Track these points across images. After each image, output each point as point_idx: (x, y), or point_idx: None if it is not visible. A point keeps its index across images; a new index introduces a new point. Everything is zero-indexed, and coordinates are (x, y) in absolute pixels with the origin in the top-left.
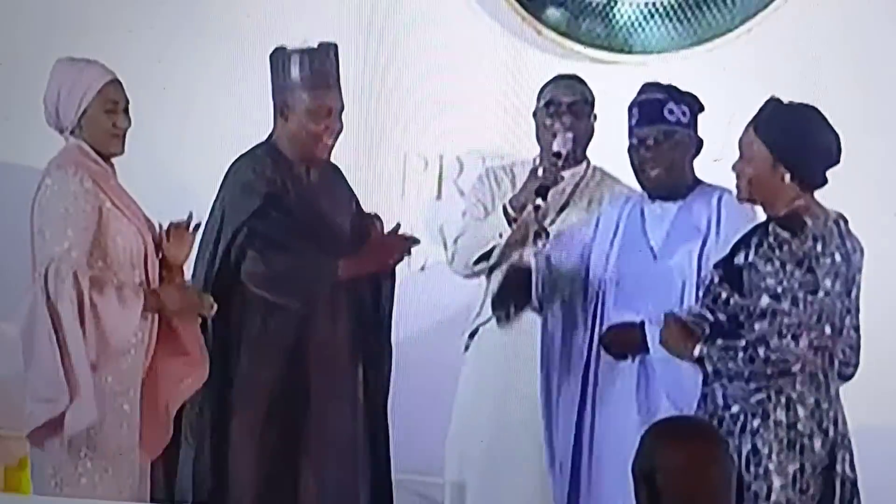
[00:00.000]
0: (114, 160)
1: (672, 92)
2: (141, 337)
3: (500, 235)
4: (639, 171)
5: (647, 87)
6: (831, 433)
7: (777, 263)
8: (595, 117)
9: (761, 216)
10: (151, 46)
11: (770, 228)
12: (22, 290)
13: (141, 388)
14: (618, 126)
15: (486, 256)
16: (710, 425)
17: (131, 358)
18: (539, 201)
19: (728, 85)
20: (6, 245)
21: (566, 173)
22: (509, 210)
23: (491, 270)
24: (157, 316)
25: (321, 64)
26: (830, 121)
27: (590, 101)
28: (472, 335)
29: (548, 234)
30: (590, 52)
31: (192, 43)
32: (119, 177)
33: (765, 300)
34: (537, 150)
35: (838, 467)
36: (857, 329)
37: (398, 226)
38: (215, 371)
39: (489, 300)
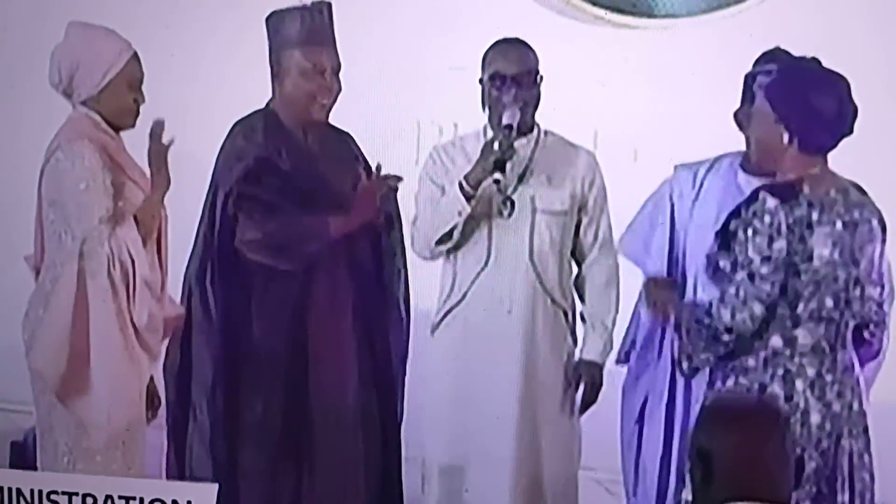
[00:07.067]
0: None
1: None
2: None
3: (459, 213)
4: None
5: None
6: (836, 406)
7: (754, 231)
8: (542, 79)
9: None
10: (158, 12)
11: (760, 196)
12: None
13: None
14: (643, 92)
15: (447, 236)
16: (768, 403)
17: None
18: (498, 175)
19: (754, 50)
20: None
21: (519, 143)
22: (465, 186)
23: (451, 251)
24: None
25: (313, 22)
26: (853, 89)
27: (534, 67)
28: (441, 319)
29: (513, 204)
30: (613, 17)
31: (200, 9)
32: (126, 143)
33: (737, 268)
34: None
35: (844, 442)
36: (880, 305)
37: (378, 168)
38: (223, 339)
39: (457, 282)
